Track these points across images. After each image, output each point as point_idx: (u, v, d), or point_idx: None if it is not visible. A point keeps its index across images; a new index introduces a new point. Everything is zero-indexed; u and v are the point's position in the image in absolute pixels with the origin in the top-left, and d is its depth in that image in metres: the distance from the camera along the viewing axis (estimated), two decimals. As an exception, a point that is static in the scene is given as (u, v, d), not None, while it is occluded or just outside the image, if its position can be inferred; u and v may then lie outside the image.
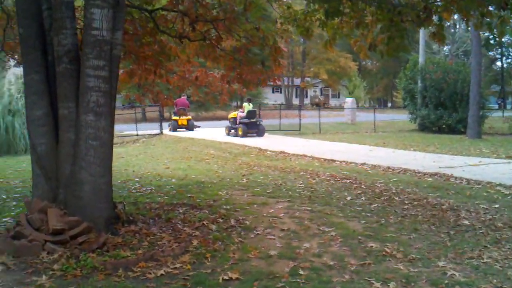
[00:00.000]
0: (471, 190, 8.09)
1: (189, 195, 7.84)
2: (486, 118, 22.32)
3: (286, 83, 57.46)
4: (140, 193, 8.12)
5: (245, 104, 20.89)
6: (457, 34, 41.72)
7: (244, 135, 19.38)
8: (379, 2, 6.95)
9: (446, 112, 22.56)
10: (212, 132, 21.88)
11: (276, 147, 14.67)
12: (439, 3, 6.87)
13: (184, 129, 22.74)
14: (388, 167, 10.52)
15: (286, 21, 7.95)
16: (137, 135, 19.26)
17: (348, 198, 7.55)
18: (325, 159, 12.13)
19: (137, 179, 9.58)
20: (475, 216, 6.40)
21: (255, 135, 19.81)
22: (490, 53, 54.82)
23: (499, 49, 55.27)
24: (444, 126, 22.48)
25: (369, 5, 7.27)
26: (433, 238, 5.39)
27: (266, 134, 20.47)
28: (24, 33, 5.30)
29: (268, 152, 13.93)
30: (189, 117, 23.50)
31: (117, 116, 20.07)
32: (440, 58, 29.66)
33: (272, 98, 59.63)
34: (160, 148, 15.61)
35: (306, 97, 64.10)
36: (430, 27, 7.33)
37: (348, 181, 9.04)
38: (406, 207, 6.95)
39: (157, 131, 20.21)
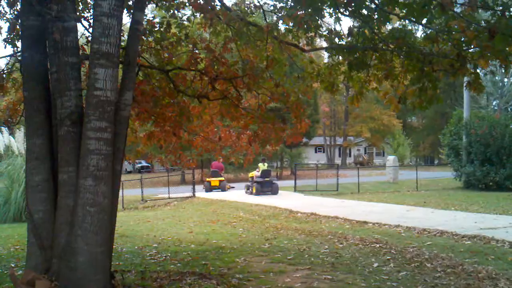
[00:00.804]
0: (514, 255, 7.26)
1: (203, 262, 7.40)
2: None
3: (328, 142, 56.97)
4: (154, 260, 7.74)
5: (260, 164, 21.36)
6: (506, 87, 40.26)
7: (258, 193, 19.97)
8: (408, 52, 6.56)
9: (493, 168, 21.37)
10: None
11: (309, 209, 14.03)
12: (473, 50, 6.39)
13: (219, 190, 22.96)
14: (424, 229, 9.72)
15: (310, 76, 7.68)
16: (169, 198, 19.08)
17: (375, 265, 6.90)
18: (357, 221, 11.43)
19: (156, 245, 9.22)
20: (517, 287, 5.63)
21: (269, 193, 20.25)
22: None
23: None
24: (491, 183, 21.20)
25: (396, 55, 6.90)
26: (464, 314, 4.69)
27: (301, 195, 20.03)
28: (28, 96, 5.17)
29: (298, 214, 13.35)
30: (222, 178, 23.97)
31: (156, 179, 19.92)
32: (486, 112, 28.56)
33: (315, 158, 59.09)
34: (190, 211, 15.31)
35: (350, 156, 63.25)
36: (465, 77, 6.86)
37: (377, 245, 8.36)
38: (438, 275, 6.24)
39: (190, 194, 19.97)
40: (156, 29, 7.31)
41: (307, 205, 15.20)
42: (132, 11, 5.54)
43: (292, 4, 6.08)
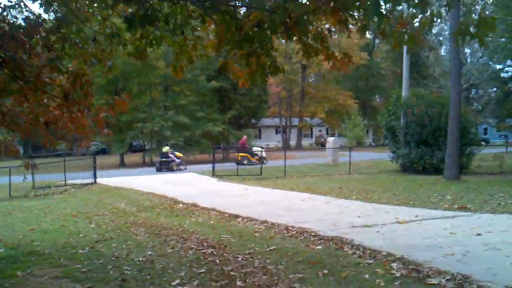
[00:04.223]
0: (355, 267, 5.66)
1: (-33, 279, 5.75)
2: (474, 156, 19.90)
3: (284, 123, 55.08)
4: None
5: (163, 147, 27.63)
6: (464, 67, 38.61)
7: (158, 170, 25.82)
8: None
9: (428, 150, 20.08)
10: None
11: (197, 198, 12.40)
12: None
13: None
14: (287, 227, 8.12)
15: (108, 38, 5.99)
16: (65, 184, 17.18)
17: (174, 283, 5.33)
18: (230, 215, 9.80)
19: (-42, 249, 7.54)
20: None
21: (168, 170, 25.43)
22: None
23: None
24: (428, 166, 19.97)
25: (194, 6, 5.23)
26: None
27: (214, 180, 18.55)
28: None
29: (180, 205, 11.67)
30: (244, 154, 28.51)
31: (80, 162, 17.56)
32: (425, 91, 27.27)
33: (276, 139, 57.48)
34: (74, 202, 13.50)
35: (312, 137, 62.00)
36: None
37: (209, 251, 6.76)
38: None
39: (91, 180, 18.03)
40: None
41: (201, 193, 13.62)
42: None
43: None
